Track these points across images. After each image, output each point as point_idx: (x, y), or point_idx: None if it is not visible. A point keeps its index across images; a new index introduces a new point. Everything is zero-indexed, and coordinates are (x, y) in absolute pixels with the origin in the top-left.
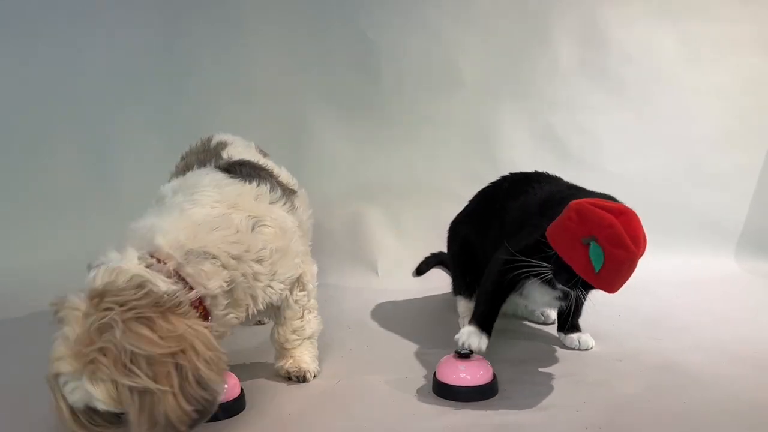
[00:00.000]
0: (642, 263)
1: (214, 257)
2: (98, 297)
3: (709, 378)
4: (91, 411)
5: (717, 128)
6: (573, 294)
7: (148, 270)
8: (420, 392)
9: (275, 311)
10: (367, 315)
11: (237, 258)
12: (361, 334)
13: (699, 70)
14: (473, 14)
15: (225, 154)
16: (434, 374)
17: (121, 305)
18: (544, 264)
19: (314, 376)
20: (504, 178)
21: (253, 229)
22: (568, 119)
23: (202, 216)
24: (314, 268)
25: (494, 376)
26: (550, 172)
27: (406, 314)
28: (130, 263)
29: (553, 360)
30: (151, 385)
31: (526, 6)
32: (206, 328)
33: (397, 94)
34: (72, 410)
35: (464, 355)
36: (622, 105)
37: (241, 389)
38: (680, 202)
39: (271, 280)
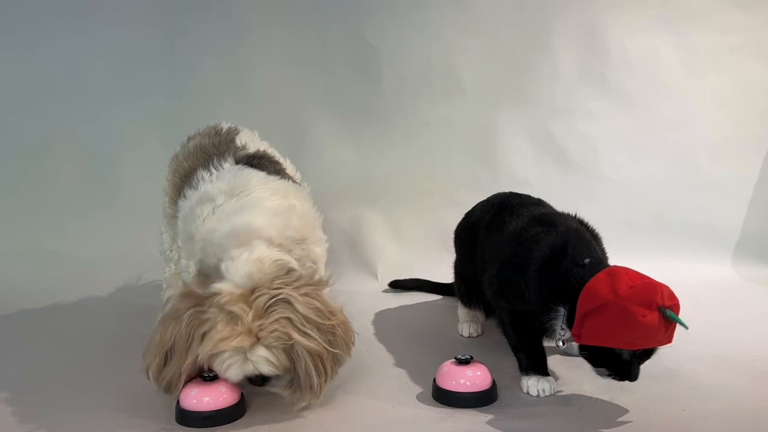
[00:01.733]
0: (640, 268)
1: (302, 239)
2: (265, 282)
3: (706, 386)
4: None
5: (715, 135)
6: None
7: (282, 253)
8: (419, 398)
9: None
10: (367, 320)
11: (316, 241)
12: (361, 340)
13: (698, 78)
14: (474, 20)
15: (239, 141)
16: (434, 380)
17: (287, 284)
18: (606, 371)
19: None
20: (493, 204)
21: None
22: (568, 126)
23: (278, 208)
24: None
25: (494, 382)
26: (551, 178)
27: (405, 319)
28: (264, 252)
29: (552, 367)
30: (326, 347)
31: (526, 12)
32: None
33: (398, 100)
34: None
35: (464, 361)
36: (621, 112)
37: (242, 394)
38: (678, 208)
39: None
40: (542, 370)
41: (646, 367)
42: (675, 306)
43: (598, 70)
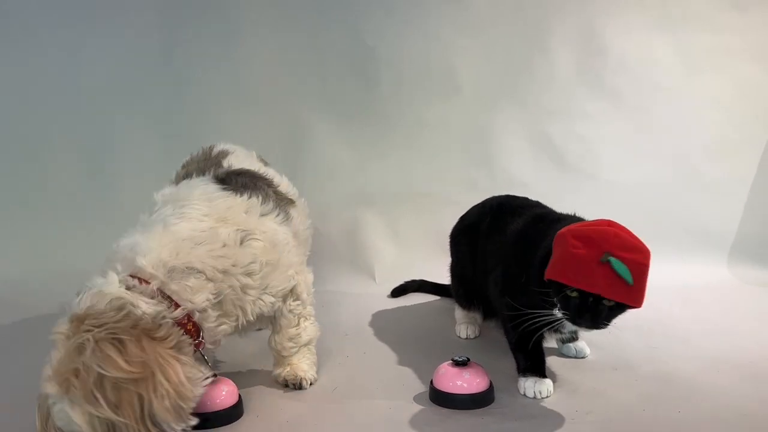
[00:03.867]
0: None
1: (199, 272)
2: (78, 320)
3: (702, 387)
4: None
5: (712, 137)
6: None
7: (128, 292)
8: (417, 399)
9: (271, 320)
10: (365, 322)
11: (223, 272)
12: (359, 341)
13: (695, 80)
14: (472, 21)
15: (225, 163)
16: (431, 382)
17: (98, 327)
18: (556, 314)
19: (311, 384)
20: (491, 206)
21: (242, 242)
22: (565, 127)
23: (188, 231)
24: (310, 277)
25: (491, 384)
26: (547, 179)
27: (403, 321)
28: (111, 287)
29: (548, 367)
30: (112, 416)
31: (525, 14)
32: (177, 359)
33: (396, 101)
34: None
35: (461, 363)
36: (618, 114)
37: (239, 396)
38: (674, 209)
39: (262, 293)
40: (540, 372)
41: (642, 368)
42: (629, 260)
43: (595, 71)
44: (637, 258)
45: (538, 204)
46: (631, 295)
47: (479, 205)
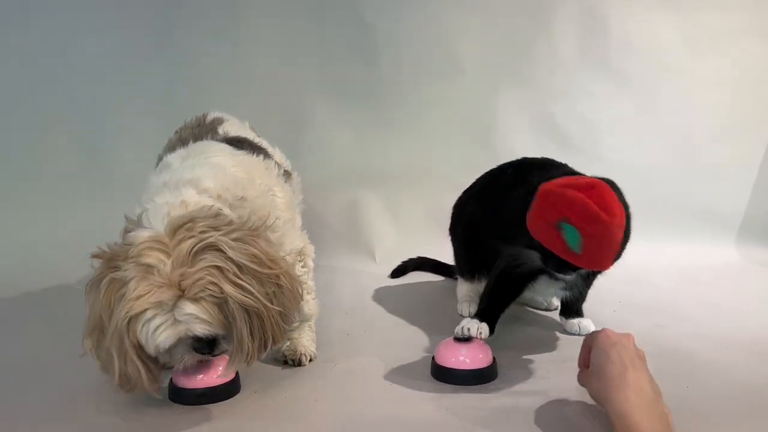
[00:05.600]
0: (642, 251)
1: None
2: (188, 224)
3: (711, 365)
4: (170, 350)
5: (718, 118)
6: (573, 281)
7: (213, 200)
8: (418, 376)
9: None
10: (365, 300)
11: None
12: (359, 319)
13: (700, 60)
14: (473, 0)
15: (221, 130)
16: (432, 358)
17: (216, 229)
18: (533, 253)
19: (310, 360)
20: (510, 164)
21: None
22: (568, 108)
23: (233, 170)
24: (312, 247)
25: (494, 359)
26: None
27: (403, 299)
28: (193, 198)
29: (553, 345)
30: (264, 302)
31: None
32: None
33: (396, 81)
34: (143, 359)
35: (463, 338)
36: (622, 94)
37: (237, 372)
38: (681, 191)
39: (279, 249)
40: (488, 318)
41: (648, 345)
42: (584, 231)
43: (598, 51)
44: (594, 229)
45: (554, 162)
46: (587, 261)
47: (490, 171)
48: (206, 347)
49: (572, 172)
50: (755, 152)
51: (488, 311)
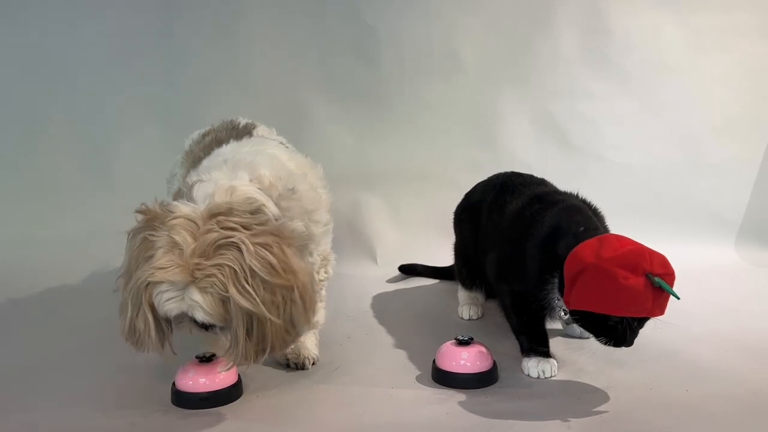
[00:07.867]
0: None
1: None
2: (223, 215)
3: (710, 367)
4: (174, 321)
5: (719, 117)
6: None
7: (260, 192)
8: (419, 379)
9: None
10: (366, 303)
11: (309, 212)
12: (360, 322)
13: (701, 59)
14: (474, 0)
15: (256, 134)
16: (433, 362)
17: (246, 228)
18: (603, 338)
19: (313, 364)
20: (494, 184)
21: None
22: (569, 107)
23: (290, 163)
24: (334, 255)
25: (494, 363)
26: (552, 160)
27: (405, 302)
28: (244, 185)
29: (554, 348)
30: (264, 311)
31: None
32: (307, 269)
33: (397, 81)
34: (156, 318)
35: (464, 342)
36: (623, 94)
37: (239, 375)
38: (681, 191)
39: (315, 248)
40: (543, 352)
41: (649, 348)
42: (667, 275)
43: (599, 50)
44: (670, 270)
45: (542, 182)
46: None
47: (484, 182)
48: (204, 328)
49: (554, 189)
50: (756, 151)
51: (534, 341)
